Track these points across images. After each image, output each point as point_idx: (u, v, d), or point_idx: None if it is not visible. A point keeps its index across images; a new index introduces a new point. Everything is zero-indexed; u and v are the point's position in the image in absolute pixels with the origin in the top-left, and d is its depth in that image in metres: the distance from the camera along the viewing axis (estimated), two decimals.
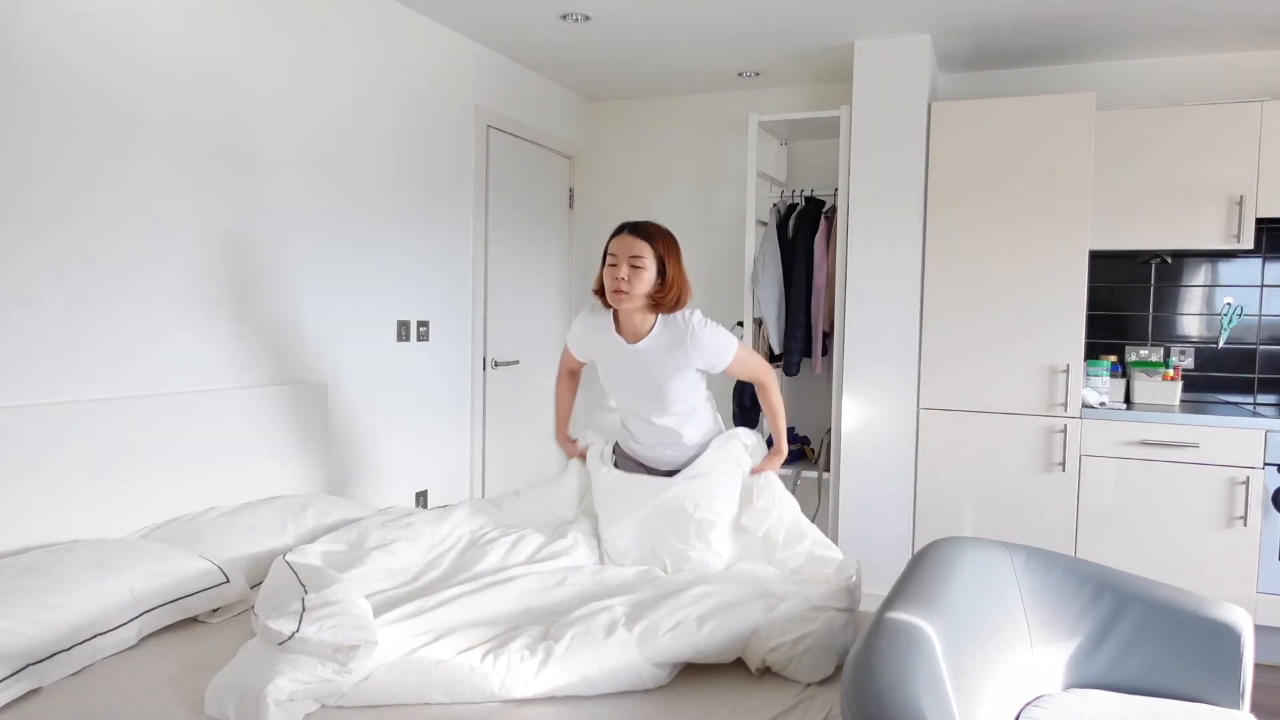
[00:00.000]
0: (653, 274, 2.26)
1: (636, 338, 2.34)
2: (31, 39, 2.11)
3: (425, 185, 3.54)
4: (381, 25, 3.26)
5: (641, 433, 2.47)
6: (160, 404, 2.44)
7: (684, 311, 2.34)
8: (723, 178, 4.63)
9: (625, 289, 2.24)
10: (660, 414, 2.40)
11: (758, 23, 3.53)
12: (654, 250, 2.26)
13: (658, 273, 2.26)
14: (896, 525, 3.76)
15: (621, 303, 2.27)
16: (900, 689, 1.32)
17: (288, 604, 1.72)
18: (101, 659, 1.79)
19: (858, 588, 2.04)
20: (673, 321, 2.32)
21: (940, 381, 3.69)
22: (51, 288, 2.18)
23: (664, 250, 2.27)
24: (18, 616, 1.68)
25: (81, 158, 2.24)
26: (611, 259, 2.28)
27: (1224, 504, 3.34)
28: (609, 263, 2.28)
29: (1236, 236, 3.51)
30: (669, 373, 2.34)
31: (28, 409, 2.11)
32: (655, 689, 1.76)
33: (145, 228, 2.41)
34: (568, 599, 2.08)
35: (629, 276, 2.23)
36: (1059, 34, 3.60)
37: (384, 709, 1.64)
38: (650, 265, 2.25)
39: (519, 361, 4.25)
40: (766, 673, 1.85)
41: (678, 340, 2.31)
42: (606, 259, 2.30)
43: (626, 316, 2.33)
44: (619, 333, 2.37)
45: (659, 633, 1.81)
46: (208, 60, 2.57)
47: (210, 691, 1.58)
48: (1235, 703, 1.90)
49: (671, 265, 2.28)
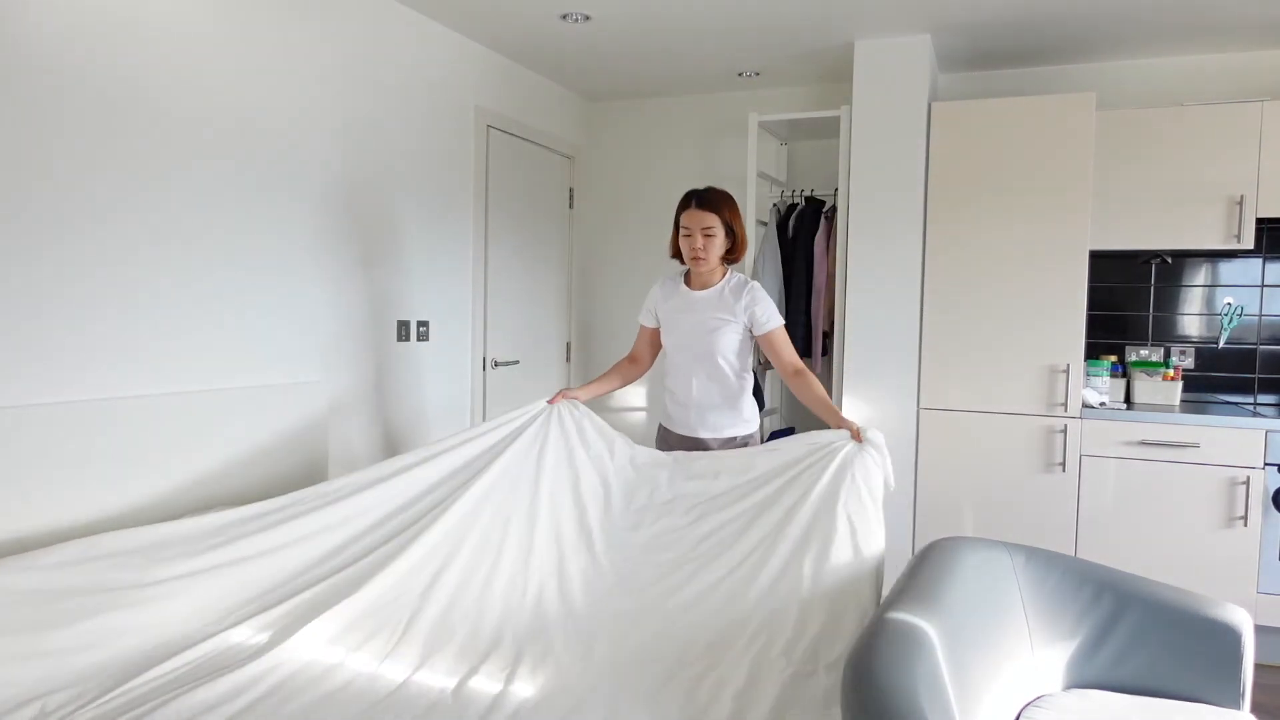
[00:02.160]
0: (723, 237, 2.63)
1: (704, 287, 2.71)
2: (33, 39, 2.11)
3: (425, 185, 3.54)
4: (381, 25, 3.26)
5: (683, 391, 2.73)
6: (160, 404, 2.43)
7: (743, 279, 2.74)
8: (723, 178, 4.62)
9: (702, 255, 2.62)
10: (709, 366, 2.67)
11: (758, 23, 3.53)
12: (721, 218, 2.61)
13: (726, 234, 2.63)
14: (896, 525, 3.76)
15: (700, 266, 2.66)
16: (900, 689, 1.32)
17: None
18: None
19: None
20: (740, 278, 2.71)
21: (940, 381, 3.69)
22: (50, 287, 2.18)
23: (729, 215, 2.63)
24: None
25: (80, 157, 2.23)
26: (685, 230, 2.64)
27: (1224, 504, 3.34)
28: (684, 233, 2.65)
29: (1236, 236, 3.51)
30: (721, 322, 2.66)
31: (28, 409, 2.11)
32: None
33: (144, 227, 2.41)
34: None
35: (704, 245, 2.61)
36: (1059, 34, 3.59)
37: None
38: (719, 231, 2.61)
39: (519, 361, 4.25)
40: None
41: (737, 291, 2.66)
42: (680, 229, 2.66)
43: (698, 273, 2.71)
44: (688, 285, 2.74)
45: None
46: (207, 59, 2.57)
47: None
48: (1235, 703, 1.90)
49: (738, 225, 2.66)
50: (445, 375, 3.71)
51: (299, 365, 2.95)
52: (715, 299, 2.67)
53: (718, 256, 2.64)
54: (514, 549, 2.25)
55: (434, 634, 1.97)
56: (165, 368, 2.48)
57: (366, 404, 3.27)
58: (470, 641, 1.96)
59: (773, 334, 2.65)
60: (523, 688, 1.76)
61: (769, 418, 4.46)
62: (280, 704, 1.66)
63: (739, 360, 2.69)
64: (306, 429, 2.93)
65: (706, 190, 2.64)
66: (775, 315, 2.66)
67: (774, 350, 2.67)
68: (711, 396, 2.69)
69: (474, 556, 2.20)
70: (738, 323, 2.64)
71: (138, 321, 2.40)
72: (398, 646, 1.91)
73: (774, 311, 2.66)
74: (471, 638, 1.97)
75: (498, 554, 2.23)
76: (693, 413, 2.72)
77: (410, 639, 1.94)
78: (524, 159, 4.25)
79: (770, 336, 2.65)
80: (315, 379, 3.01)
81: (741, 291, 2.65)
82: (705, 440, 2.70)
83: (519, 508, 2.34)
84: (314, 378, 3.01)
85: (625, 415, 4.89)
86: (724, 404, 2.70)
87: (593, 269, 4.92)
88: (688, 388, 2.71)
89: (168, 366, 2.49)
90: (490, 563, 2.21)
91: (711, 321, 2.65)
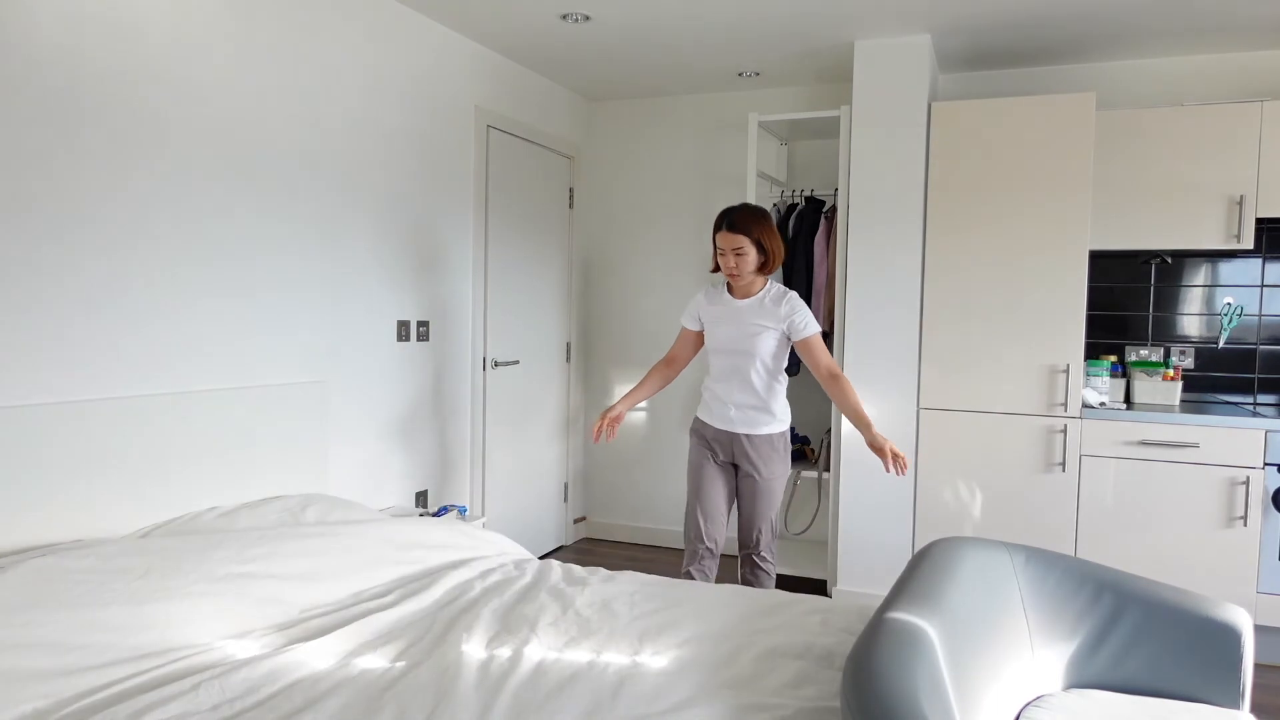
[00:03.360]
0: (754, 254, 2.82)
1: (746, 296, 2.92)
2: (35, 38, 2.11)
3: (425, 185, 3.54)
4: (382, 25, 3.26)
5: (724, 389, 2.95)
6: (160, 403, 2.43)
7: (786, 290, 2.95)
8: (723, 178, 4.63)
9: (737, 272, 2.85)
10: (748, 368, 2.89)
11: (758, 23, 3.53)
12: (750, 238, 2.80)
13: (758, 251, 2.82)
14: (896, 525, 3.76)
15: (738, 281, 2.89)
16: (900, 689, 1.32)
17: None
18: None
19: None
20: (778, 289, 2.92)
21: (940, 381, 3.69)
22: (49, 286, 2.18)
23: (759, 233, 2.81)
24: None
25: (78, 156, 2.24)
26: (720, 251, 2.86)
27: (1224, 504, 3.34)
28: (719, 253, 2.87)
29: (1236, 236, 3.51)
30: (761, 328, 2.87)
31: (28, 408, 2.11)
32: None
33: (144, 226, 2.41)
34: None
35: (737, 264, 2.83)
36: (1059, 34, 3.60)
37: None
38: (750, 249, 2.81)
39: (519, 361, 4.25)
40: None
41: (776, 300, 2.88)
42: (716, 249, 2.87)
43: (739, 285, 2.92)
44: (731, 294, 2.95)
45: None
46: (207, 59, 2.57)
47: None
48: (1235, 703, 1.90)
49: (767, 240, 2.83)
50: (445, 375, 3.71)
51: (299, 365, 2.95)
52: (756, 306, 2.89)
53: (751, 271, 2.85)
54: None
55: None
56: (164, 368, 2.48)
57: (366, 404, 3.27)
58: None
59: (810, 340, 2.86)
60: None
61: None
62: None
63: (775, 363, 2.91)
64: (306, 429, 2.93)
65: (737, 212, 2.82)
66: (813, 323, 2.87)
67: (811, 355, 2.88)
68: (749, 396, 2.91)
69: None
70: (777, 329, 2.87)
71: (136, 321, 2.40)
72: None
73: (811, 319, 2.87)
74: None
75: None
76: (732, 409, 2.93)
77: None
78: (524, 159, 4.25)
79: (808, 342, 2.87)
80: (315, 379, 3.01)
81: (781, 300, 2.87)
82: (741, 435, 2.93)
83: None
84: (314, 378, 3.01)
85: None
86: (760, 404, 2.91)
87: (593, 269, 4.92)
88: (728, 387, 2.94)
89: (167, 366, 2.49)
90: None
91: (752, 327, 2.88)
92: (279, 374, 2.87)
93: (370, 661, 1.82)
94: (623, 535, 4.91)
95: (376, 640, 1.92)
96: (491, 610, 2.10)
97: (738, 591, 2.32)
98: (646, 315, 4.81)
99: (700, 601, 2.21)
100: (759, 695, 1.68)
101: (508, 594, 2.22)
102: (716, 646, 1.92)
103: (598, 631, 2.01)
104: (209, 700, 1.59)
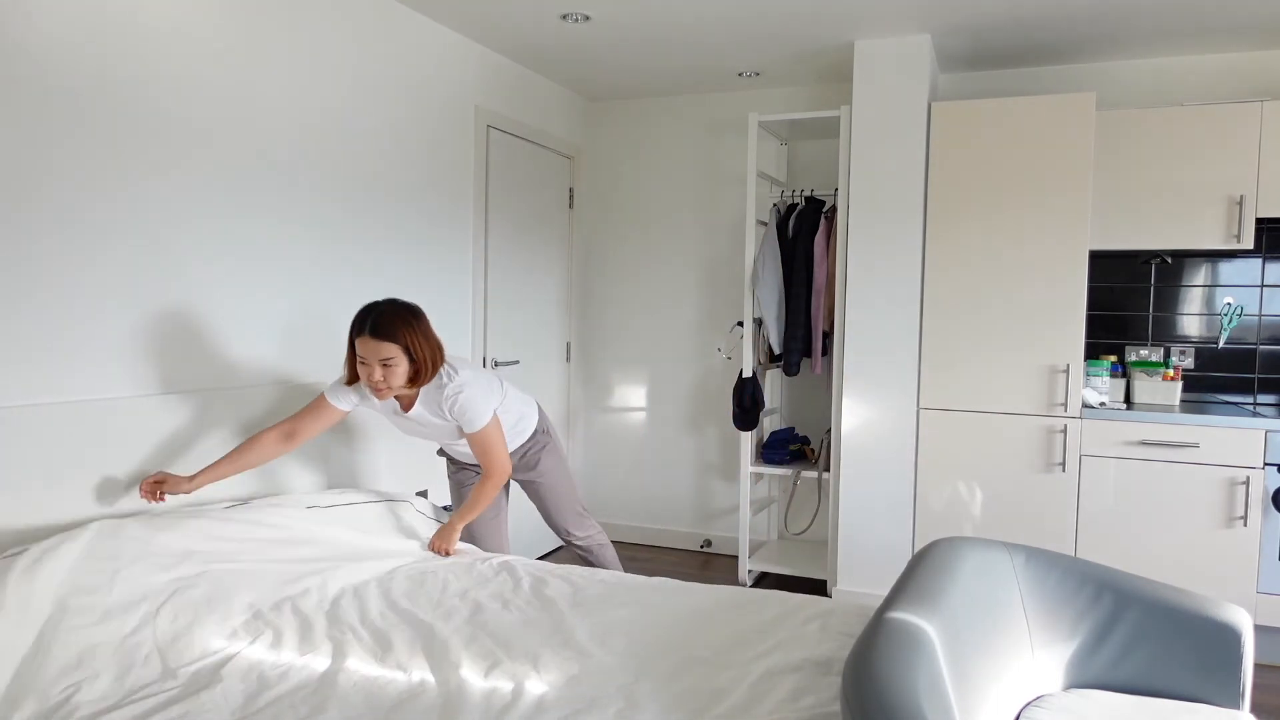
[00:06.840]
0: (405, 365, 2.35)
1: (409, 405, 2.51)
2: (35, 38, 2.11)
3: (425, 185, 3.54)
4: (381, 25, 3.26)
5: (458, 455, 2.78)
6: (160, 403, 2.43)
7: (446, 372, 2.46)
8: (723, 178, 4.63)
9: (383, 387, 2.35)
10: (462, 443, 2.63)
11: (758, 23, 3.53)
12: (400, 345, 2.32)
13: (409, 360, 2.35)
14: (896, 525, 3.76)
15: (384, 396, 2.39)
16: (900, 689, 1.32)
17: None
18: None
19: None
20: (434, 390, 2.47)
21: (940, 381, 3.69)
22: (49, 286, 2.18)
23: (409, 340, 2.33)
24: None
25: (78, 156, 2.24)
26: (362, 360, 2.34)
27: (1224, 504, 3.34)
28: (360, 361, 2.35)
29: (1236, 236, 3.51)
30: (450, 430, 2.56)
31: (28, 408, 2.11)
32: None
33: (144, 226, 2.41)
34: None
35: (385, 376, 2.33)
36: (1059, 34, 3.60)
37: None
38: (401, 359, 2.33)
39: (519, 361, 4.25)
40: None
41: (439, 407, 2.48)
42: (356, 355, 2.36)
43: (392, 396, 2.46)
44: (398, 402, 2.53)
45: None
46: (206, 59, 2.57)
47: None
48: (1235, 703, 1.90)
49: (418, 347, 2.35)
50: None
51: (298, 365, 2.95)
52: (435, 409, 2.49)
53: (401, 384, 2.37)
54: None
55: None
56: (165, 367, 2.48)
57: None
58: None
59: (473, 439, 2.49)
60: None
61: (769, 417, 4.47)
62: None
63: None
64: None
65: (382, 314, 2.33)
66: (474, 419, 2.46)
67: (479, 452, 2.52)
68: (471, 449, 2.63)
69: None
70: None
71: (136, 321, 2.40)
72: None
73: (471, 414, 2.45)
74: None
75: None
76: (467, 457, 2.79)
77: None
78: (524, 159, 4.25)
79: (470, 441, 2.51)
80: (315, 379, 3.01)
81: (443, 408, 2.47)
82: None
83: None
84: (314, 378, 3.01)
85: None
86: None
87: (593, 269, 4.92)
88: (460, 452, 2.77)
89: (166, 366, 2.49)
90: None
91: (446, 428, 2.55)
92: (279, 374, 2.87)
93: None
94: (623, 535, 4.92)
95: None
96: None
97: (735, 604, 2.21)
98: (646, 315, 4.81)
99: (695, 617, 2.11)
100: (755, 718, 1.62)
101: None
102: (712, 677, 1.80)
103: (592, 659, 1.88)
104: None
